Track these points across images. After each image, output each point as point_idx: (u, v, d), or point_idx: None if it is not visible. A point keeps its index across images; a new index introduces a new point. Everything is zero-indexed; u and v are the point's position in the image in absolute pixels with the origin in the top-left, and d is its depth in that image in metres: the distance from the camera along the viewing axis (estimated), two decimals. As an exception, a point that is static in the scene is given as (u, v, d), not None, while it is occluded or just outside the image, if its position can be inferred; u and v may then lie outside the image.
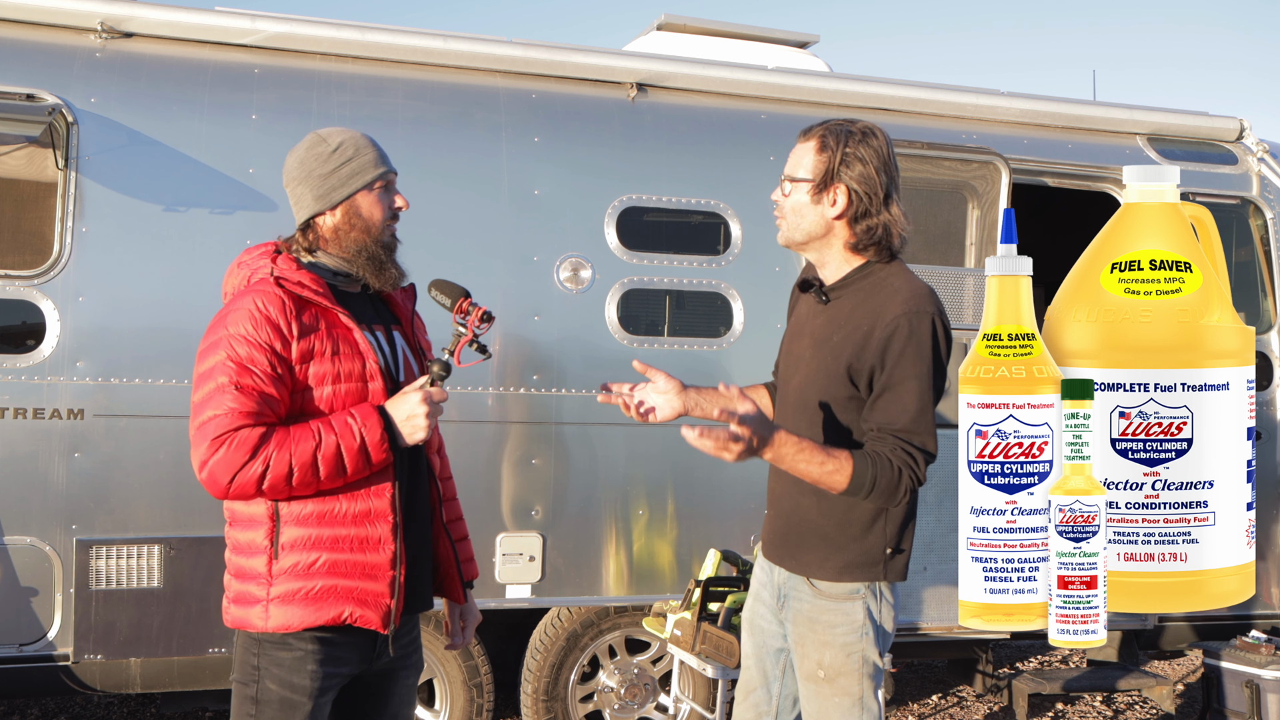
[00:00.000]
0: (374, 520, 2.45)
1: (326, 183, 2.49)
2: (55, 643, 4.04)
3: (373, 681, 2.63)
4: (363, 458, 2.39)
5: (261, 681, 2.43)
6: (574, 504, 4.57)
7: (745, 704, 2.92)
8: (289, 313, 2.39)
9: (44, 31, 4.28)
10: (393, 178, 2.57)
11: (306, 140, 2.54)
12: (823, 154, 2.62)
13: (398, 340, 2.63)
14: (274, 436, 2.34)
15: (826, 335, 2.69)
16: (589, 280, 4.60)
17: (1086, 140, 5.44)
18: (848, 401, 2.63)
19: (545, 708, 4.65)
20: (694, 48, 5.35)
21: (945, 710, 6.03)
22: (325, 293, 2.46)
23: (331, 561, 2.42)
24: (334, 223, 2.51)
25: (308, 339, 2.40)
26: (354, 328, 2.47)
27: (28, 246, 4.55)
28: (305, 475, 2.35)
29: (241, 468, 2.31)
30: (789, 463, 2.54)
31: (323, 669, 2.45)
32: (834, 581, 2.68)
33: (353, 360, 2.46)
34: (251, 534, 2.44)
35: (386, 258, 2.54)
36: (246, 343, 2.35)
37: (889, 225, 2.64)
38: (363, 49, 4.57)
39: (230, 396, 2.33)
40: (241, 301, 2.40)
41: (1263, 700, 4.90)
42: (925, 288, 2.64)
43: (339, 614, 2.42)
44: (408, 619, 2.63)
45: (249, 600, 2.44)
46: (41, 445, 4.02)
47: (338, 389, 2.43)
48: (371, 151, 2.53)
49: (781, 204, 2.71)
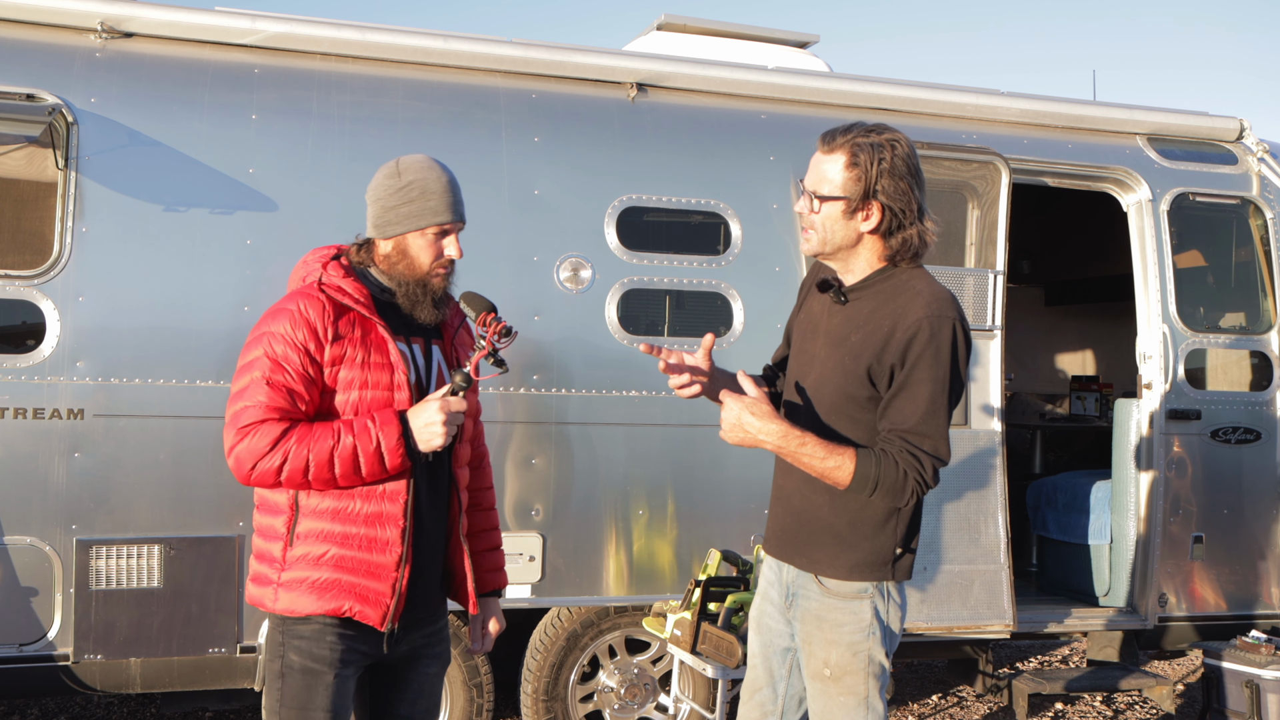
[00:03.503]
0: (385, 523, 2.56)
1: (385, 215, 2.60)
2: (55, 643, 4.04)
3: (396, 667, 2.73)
4: (378, 460, 2.49)
5: (285, 655, 2.57)
6: (574, 504, 4.57)
7: (751, 703, 2.92)
8: (327, 317, 2.52)
9: (44, 31, 4.28)
10: (454, 227, 2.62)
11: (387, 166, 2.63)
12: (854, 169, 2.60)
13: (435, 354, 2.72)
14: (296, 432, 2.47)
15: (844, 335, 2.69)
16: (589, 280, 4.60)
17: (1086, 140, 5.43)
18: (866, 402, 2.64)
19: (545, 708, 4.65)
20: (694, 48, 5.35)
21: (945, 710, 6.03)
22: (366, 303, 2.58)
23: (339, 556, 2.54)
24: (386, 251, 2.64)
25: (341, 344, 2.53)
26: (389, 339, 2.58)
27: (28, 246, 4.54)
28: (322, 471, 2.47)
29: (263, 457, 2.45)
30: (791, 455, 2.55)
31: (342, 642, 2.57)
32: (843, 580, 2.69)
33: (382, 370, 2.57)
34: (273, 520, 2.59)
35: (422, 297, 2.63)
36: (284, 341, 2.49)
37: (922, 235, 2.65)
38: (363, 49, 4.57)
39: (262, 390, 2.48)
40: (287, 302, 2.55)
41: (1263, 700, 4.90)
42: (947, 293, 2.64)
43: (339, 607, 2.54)
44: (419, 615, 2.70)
45: (263, 580, 2.59)
46: (41, 445, 4.02)
47: (364, 395, 2.55)
48: (439, 198, 2.59)
49: (809, 218, 2.69)
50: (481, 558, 2.91)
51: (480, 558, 2.90)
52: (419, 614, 2.69)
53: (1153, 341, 5.32)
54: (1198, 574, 5.34)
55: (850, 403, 2.65)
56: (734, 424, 2.56)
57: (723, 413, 2.58)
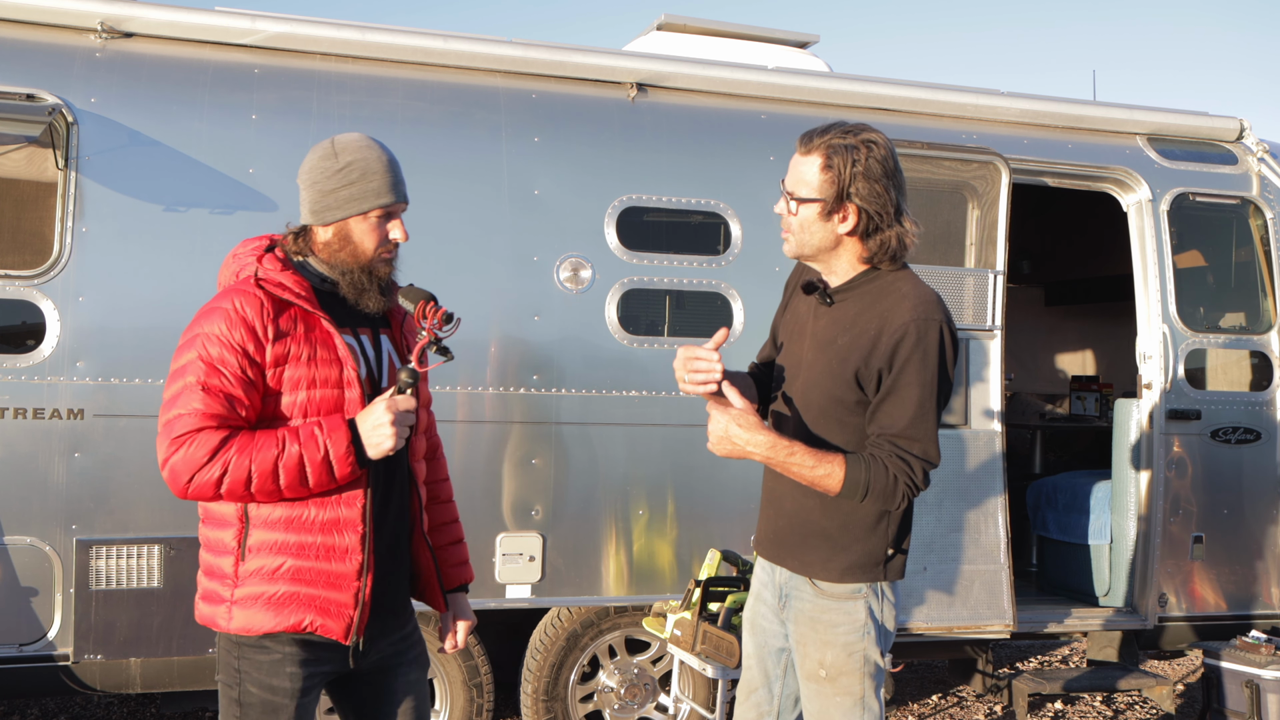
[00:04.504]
0: (342, 529, 2.42)
1: (323, 200, 2.45)
2: (55, 643, 4.04)
3: (372, 679, 2.61)
4: (325, 470, 2.34)
5: (243, 685, 2.43)
6: (574, 504, 4.57)
7: (747, 704, 2.92)
8: (266, 315, 2.36)
9: (44, 31, 4.28)
10: (397, 208, 2.49)
11: (321, 147, 2.48)
12: (828, 172, 2.59)
13: (385, 345, 2.58)
14: (236, 441, 2.31)
15: (830, 338, 2.68)
16: (589, 280, 4.60)
17: (1086, 140, 5.43)
18: (855, 405, 2.63)
19: (545, 708, 4.65)
20: (694, 48, 5.35)
21: (945, 710, 6.03)
22: (308, 296, 2.42)
23: (296, 568, 2.39)
24: (325, 238, 2.48)
25: (284, 342, 2.37)
26: (334, 333, 2.43)
27: (28, 246, 4.54)
28: (266, 483, 2.32)
29: (200, 468, 2.29)
30: (780, 465, 2.55)
31: (303, 669, 2.44)
32: (837, 582, 2.69)
33: (330, 366, 2.42)
34: (221, 533, 2.43)
35: (369, 284, 2.49)
36: (219, 343, 2.33)
37: (901, 238, 2.64)
38: (363, 49, 4.57)
39: (197, 397, 2.31)
40: (221, 300, 2.39)
41: (1263, 700, 4.90)
42: (933, 294, 2.63)
43: (299, 621, 2.40)
44: (386, 624, 2.59)
45: (215, 599, 2.44)
46: (41, 445, 4.02)
47: (312, 394, 2.40)
48: (380, 178, 2.45)
49: (788, 220, 2.68)
50: (445, 552, 2.77)
51: (444, 552, 2.77)
52: (385, 622, 2.56)
53: (1153, 341, 5.32)
54: (1198, 574, 5.34)
55: (839, 406, 2.64)
56: (721, 436, 2.55)
57: (710, 425, 2.56)
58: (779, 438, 2.54)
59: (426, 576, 2.68)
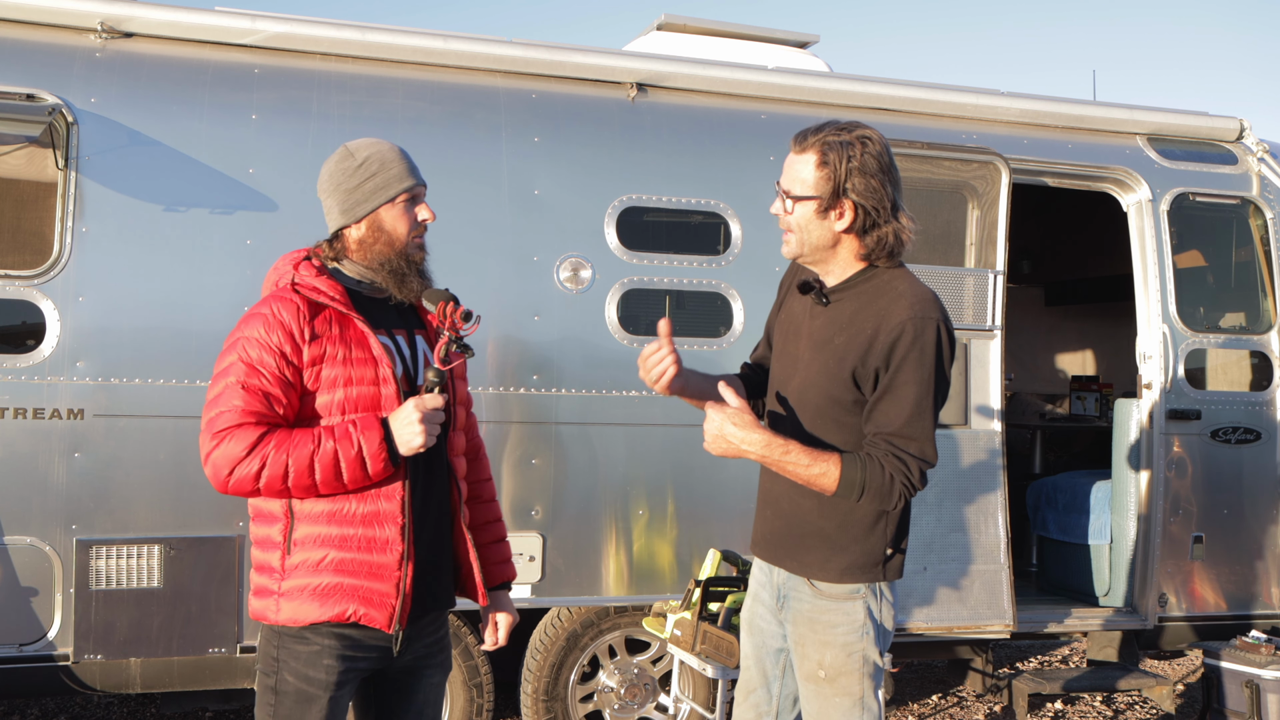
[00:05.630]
0: (383, 521, 2.52)
1: (351, 197, 2.57)
2: (55, 643, 4.04)
3: (399, 679, 2.69)
4: (360, 466, 2.45)
5: (280, 673, 2.52)
6: (574, 504, 4.57)
7: (745, 704, 2.92)
8: (302, 318, 2.48)
9: (44, 31, 4.28)
10: (420, 191, 2.63)
11: (336, 153, 2.62)
12: (824, 169, 2.59)
13: (419, 344, 2.68)
14: (274, 436, 2.42)
15: (827, 337, 2.68)
16: (589, 280, 4.60)
17: (1086, 140, 5.43)
18: (852, 405, 2.63)
19: (545, 708, 4.65)
20: (694, 48, 5.35)
21: (945, 710, 6.03)
22: (342, 299, 2.54)
23: (339, 560, 2.49)
24: (359, 235, 2.60)
25: (319, 343, 2.48)
26: (369, 333, 2.54)
27: (28, 246, 4.55)
28: (302, 477, 2.42)
29: (239, 462, 2.40)
30: (776, 464, 2.55)
31: (340, 663, 2.52)
32: (835, 582, 2.69)
33: (365, 365, 2.53)
34: (269, 529, 2.54)
35: (408, 270, 2.61)
36: (258, 345, 2.45)
37: (898, 233, 2.64)
38: (363, 49, 4.57)
39: (237, 395, 2.43)
40: (260, 306, 2.51)
41: (1263, 700, 4.90)
42: (930, 293, 2.63)
43: (344, 611, 2.49)
44: (431, 618, 2.69)
45: (265, 593, 2.54)
46: (41, 445, 4.02)
47: (349, 392, 2.50)
48: (398, 165, 2.59)
49: (786, 220, 2.68)
50: (487, 550, 2.86)
51: (486, 550, 2.85)
52: (423, 621, 2.65)
53: (1153, 341, 5.32)
54: (1197, 574, 5.34)
55: (835, 406, 2.64)
56: (716, 435, 2.56)
57: (705, 424, 2.59)
58: (774, 436, 2.54)
59: (467, 570, 2.74)
